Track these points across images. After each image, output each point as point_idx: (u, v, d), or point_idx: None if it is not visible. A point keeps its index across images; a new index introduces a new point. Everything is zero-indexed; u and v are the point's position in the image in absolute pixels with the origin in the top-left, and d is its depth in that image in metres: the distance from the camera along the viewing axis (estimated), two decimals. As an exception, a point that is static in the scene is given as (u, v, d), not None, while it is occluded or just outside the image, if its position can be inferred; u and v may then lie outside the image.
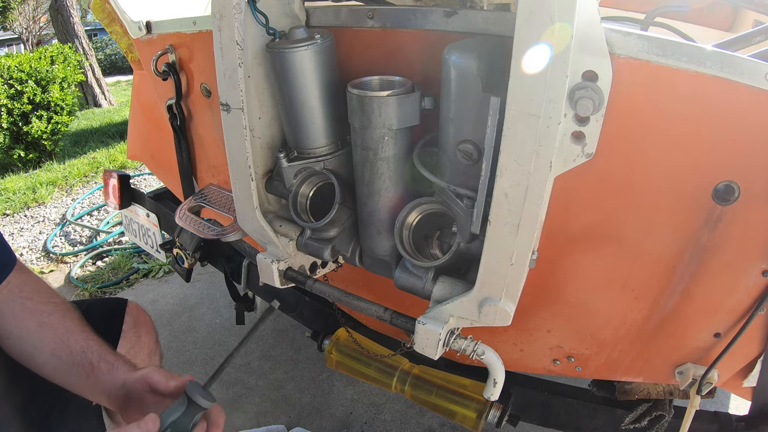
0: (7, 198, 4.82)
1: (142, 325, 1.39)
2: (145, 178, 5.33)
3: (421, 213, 1.05)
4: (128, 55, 2.20)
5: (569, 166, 0.85)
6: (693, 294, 1.03)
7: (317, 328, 1.69)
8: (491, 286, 0.93)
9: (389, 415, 2.23)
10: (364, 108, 0.95)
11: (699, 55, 0.77)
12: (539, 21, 0.71)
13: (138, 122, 2.43)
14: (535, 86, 0.75)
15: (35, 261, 3.74)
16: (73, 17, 9.24)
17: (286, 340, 2.71)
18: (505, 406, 1.34)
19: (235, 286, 2.00)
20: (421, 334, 1.01)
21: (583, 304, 1.16)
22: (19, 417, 1.16)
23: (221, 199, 1.62)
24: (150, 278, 3.40)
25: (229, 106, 1.08)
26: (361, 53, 1.13)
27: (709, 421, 1.30)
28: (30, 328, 1.09)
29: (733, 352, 1.05)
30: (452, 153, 0.93)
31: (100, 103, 9.84)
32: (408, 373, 1.47)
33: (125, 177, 2.33)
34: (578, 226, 1.04)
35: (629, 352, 1.19)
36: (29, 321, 1.10)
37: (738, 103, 0.80)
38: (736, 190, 0.88)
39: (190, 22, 1.43)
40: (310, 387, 2.39)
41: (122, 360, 1.08)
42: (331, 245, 1.17)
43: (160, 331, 1.47)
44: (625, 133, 0.87)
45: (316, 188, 1.18)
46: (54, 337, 1.09)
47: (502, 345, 1.29)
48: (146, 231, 2.34)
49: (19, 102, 5.57)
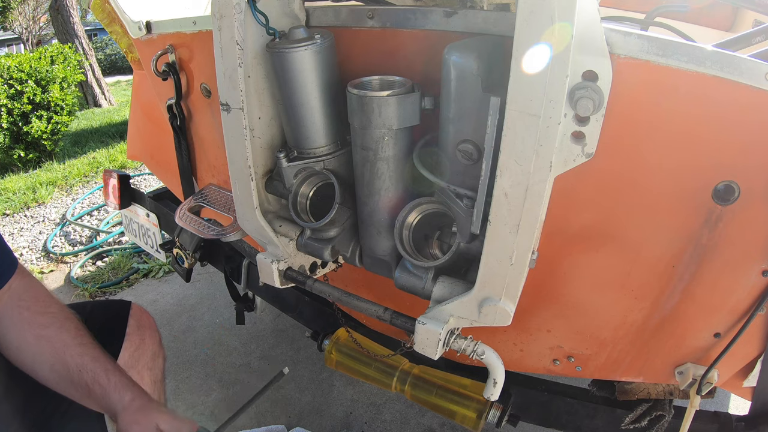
0: (7, 198, 4.82)
1: (146, 327, 1.39)
2: (145, 178, 5.33)
3: (421, 213, 1.05)
4: (128, 55, 2.20)
5: (569, 166, 0.85)
6: (693, 294, 1.03)
7: (317, 328, 1.69)
8: (491, 286, 0.93)
9: (389, 415, 2.23)
10: (364, 108, 0.95)
11: (699, 55, 0.77)
12: (539, 21, 0.71)
13: (138, 122, 2.43)
14: (535, 86, 0.75)
15: (35, 261, 3.74)
16: (73, 17, 9.24)
17: (286, 340, 2.71)
18: (505, 406, 1.34)
19: (235, 286, 2.00)
20: (421, 334, 1.01)
21: (583, 304, 1.16)
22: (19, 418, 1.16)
23: (221, 199, 1.62)
24: (150, 278, 3.40)
25: (229, 106, 1.08)
26: (361, 53, 1.13)
27: (709, 421, 1.29)
28: (28, 341, 1.09)
29: (733, 352, 1.05)
30: (452, 153, 0.93)
31: (100, 103, 9.84)
32: (408, 373, 1.46)
33: (125, 177, 2.33)
34: (578, 226, 1.04)
35: (629, 352, 1.19)
36: (27, 333, 1.09)
37: (738, 103, 0.80)
38: (736, 190, 0.88)
39: (190, 22, 1.43)
40: (310, 387, 2.39)
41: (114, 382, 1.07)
42: (331, 245, 1.17)
43: (160, 331, 1.47)
44: (625, 133, 0.87)
45: (316, 188, 1.18)
46: (52, 351, 1.08)
47: (502, 345, 1.29)
48: (146, 231, 2.34)
49: (19, 102, 5.57)
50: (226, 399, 2.31)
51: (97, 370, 1.07)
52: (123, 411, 1.04)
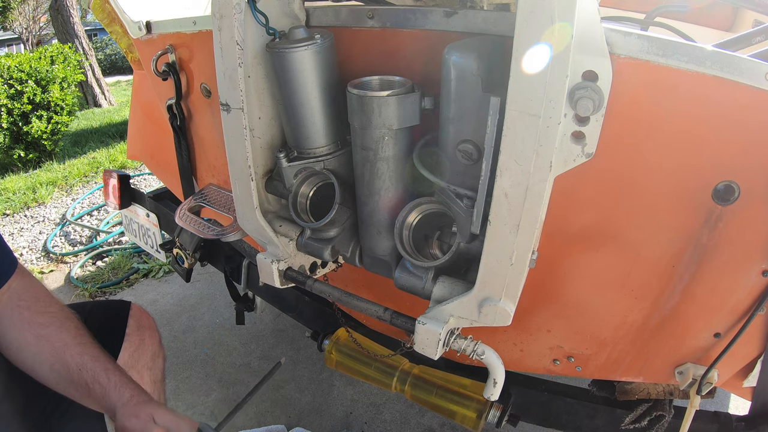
0: (7, 198, 4.82)
1: (146, 327, 1.39)
2: (145, 178, 5.33)
3: (421, 213, 1.05)
4: (128, 55, 2.20)
5: (569, 166, 0.85)
6: (693, 294, 1.03)
7: (317, 328, 1.69)
8: (491, 286, 0.93)
9: (389, 415, 2.23)
10: (364, 108, 0.95)
11: (699, 55, 0.77)
12: (539, 21, 0.71)
13: (138, 122, 2.43)
14: (535, 86, 0.75)
15: (35, 261, 3.74)
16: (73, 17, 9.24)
17: (286, 340, 2.71)
18: (505, 406, 1.34)
19: (235, 286, 2.00)
20: (421, 334, 1.01)
21: (583, 304, 1.16)
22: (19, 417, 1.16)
23: (221, 199, 1.62)
24: (150, 278, 3.40)
25: (229, 106, 1.08)
26: (361, 53, 1.13)
27: (709, 421, 1.29)
28: (28, 341, 1.09)
29: (733, 352, 1.05)
30: (452, 153, 0.93)
31: (100, 103, 9.84)
32: (408, 373, 1.46)
33: (125, 177, 2.33)
34: (578, 226, 1.04)
35: (629, 352, 1.19)
36: (27, 333, 1.09)
37: (738, 103, 0.80)
38: (736, 190, 0.88)
39: (190, 22, 1.43)
40: (310, 387, 2.39)
41: (114, 381, 1.07)
42: (331, 245, 1.17)
43: (160, 331, 1.47)
44: (625, 133, 0.87)
45: (316, 188, 1.18)
46: (51, 351, 1.08)
47: (502, 345, 1.29)
48: (146, 231, 2.34)
49: (19, 102, 5.57)
50: (226, 399, 2.31)
51: (97, 369, 1.07)
52: (122, 408, 1.04)
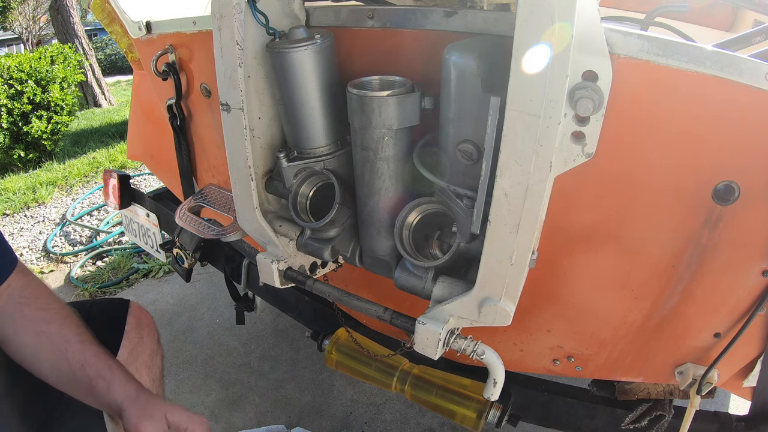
0: (7, 198, 4.82)
1: (145, 325, 1.39)
2: (145, 178, 5.33)
3: (421, 213, 1.05)
4: (128, 55, 2.20)
5: (569, 166, 0.85)
6: (693, 294, 1.03)
7: (317, 328, 1.69)
8: (491, 286, 0.93)
9: (389, 415, 2.23)
10: (364, 108, 0.95)
11: (699, 55, 0.77)
12: (539, 21, 0.71)
13: (138, 122, 2.43)
14: (535, 86, 0.75)
15: (35, 261, 3.74)
16: (73, 17, 9.24)
17: (286, 340, 2.71)
18: (505, 406, 1.34)
19: (235, 286, 2.00)
20: (421, 334, 1.01)
21: (583, 304, 1.16)
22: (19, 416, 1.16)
23: (221, 199, 1.62)
24: (150, 278, 3.40)
25: (229, 106, 1.08)
26: (361, 53, 1.13)
27: (709, 421, 1.30)
28: (29, 338, 1.09)
29: (733, 352, 1.05)
30: (452, 153, 0.93)
31: (100, 103, 9.84)
32: (408, 373, 1.46)
33: (125, 177, 2.33)
34: (578, 226, 1.04)
35: (629, 352, 1.19)
36: (28, 330, 1.09)
37: (738, 103, 0.80)
38: (736, 190, 0.88)
39: (190, 22, 1.43)
40: (310, 387, 2.39)
41: (118, 376, 1.07)
42: (331, 245, 1.17)
43: (160, 331, 1.47)
44: (625, 133, 0.87)
45: (316, 188, 1.18)
46: (52, 348, 1.08)
47: (502, 345, 1.29)
48: (146, 231, 2.34)
49: (19, 102, 5.57)
50: (226, 399, 2.31)
51: (100, 365, 1.07)
52: (131, 405, 1.03)
